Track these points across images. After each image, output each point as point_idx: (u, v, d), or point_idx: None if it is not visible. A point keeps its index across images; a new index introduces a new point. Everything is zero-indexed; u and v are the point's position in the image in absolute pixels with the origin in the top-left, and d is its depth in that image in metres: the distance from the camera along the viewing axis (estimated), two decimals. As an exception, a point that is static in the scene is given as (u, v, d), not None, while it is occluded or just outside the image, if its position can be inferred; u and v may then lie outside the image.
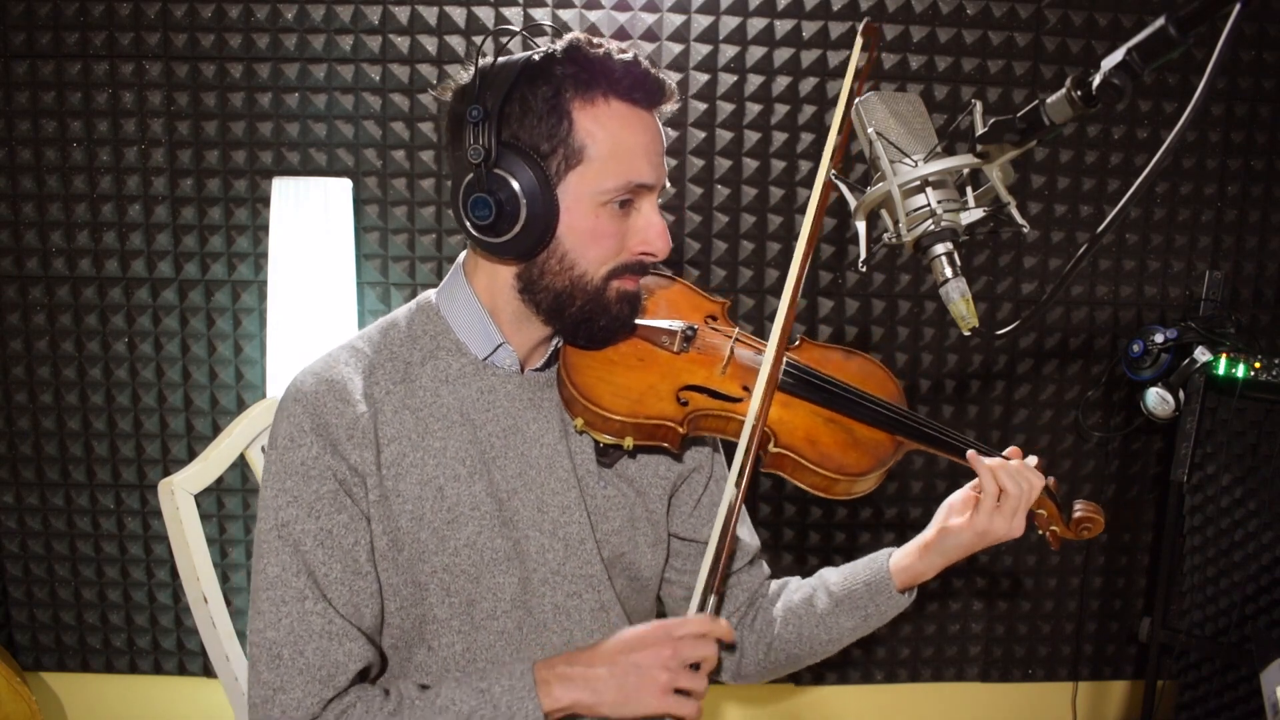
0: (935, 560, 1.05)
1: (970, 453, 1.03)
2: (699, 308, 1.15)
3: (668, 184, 1.00)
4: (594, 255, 0.95)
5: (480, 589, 0.98)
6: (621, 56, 0.93)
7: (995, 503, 1.00)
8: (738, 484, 0.96)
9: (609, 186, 0.93)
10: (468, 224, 0.94)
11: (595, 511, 1.04)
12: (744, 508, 1.21)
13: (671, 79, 0.97)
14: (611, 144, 0.92)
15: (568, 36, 0.94)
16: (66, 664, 2.19)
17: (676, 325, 1.06)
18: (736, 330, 1.12)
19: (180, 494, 1.20)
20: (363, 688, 0.94)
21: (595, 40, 0.94)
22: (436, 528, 0.96)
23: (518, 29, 1.14)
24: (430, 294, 1.05)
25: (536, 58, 0.92)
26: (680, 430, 0.99)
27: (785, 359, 1.07)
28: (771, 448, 1.00)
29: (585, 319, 0.98)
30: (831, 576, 1.13)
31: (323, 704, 0.91)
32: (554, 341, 1.04)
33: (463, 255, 1.05)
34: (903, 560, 1.08)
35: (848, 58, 0.95)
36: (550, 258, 0.95)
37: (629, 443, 0.98)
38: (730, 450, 1.02)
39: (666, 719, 0.90)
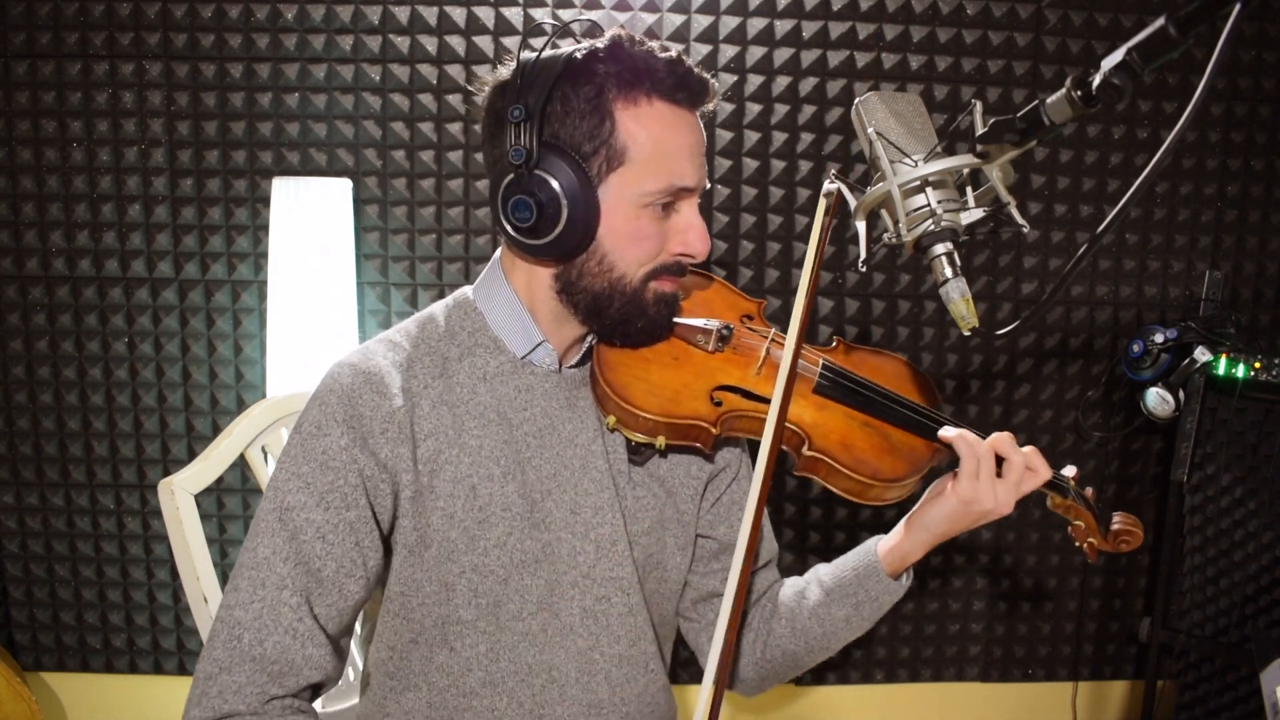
0: (920, 536, 1.02)
1: (942, 429, 1.01)
2: (735, 306, 1.13)
3: (707, 183, 0.99)
4: (633, 257, 0.94)
5: (508, 590, 0.96)
6: (665, 55, 0.92)
7: (975, 469, 0.97)
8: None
9: (651, 189, 0.91)
10: (507, 226, 0.93)
11: (628, 512, 1.02)
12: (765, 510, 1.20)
13: (712, 78, 0.96)
14: (654, 145, 0.91)
15: (610, 33, 0.93)
16: (66, 664, 2.19)
17: (712, 325, 1.05)
18: (773, 330, 1.10)
19: (180, 494, 1.20)
20: (314, 714, 0.92)
21: (638, 38, 0.93)
22: (467, 527, 0.94)
23: (560, 24, 1.12)
24: (468, 290, 1.04)
25: (579, 55, 0.90)
26: (714, 431, 0.98)
27: (821, 361, 1.06)
28: (805, 451, 0.99)
29: (623, 320, 0.97)
30: (823, 569, 1.12)
31: (265, 699, 0.88)
32: (589, 339, 1.03)
33: (499, 252, 1.04)
34: (889, 541, 1.05)
35: (819, 200, 0.98)
36: (590, 259, 0.94)
37: (661, 442, 0.97)
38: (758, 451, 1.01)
39: None
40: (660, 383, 1.00)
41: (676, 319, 1.03)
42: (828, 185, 0.98)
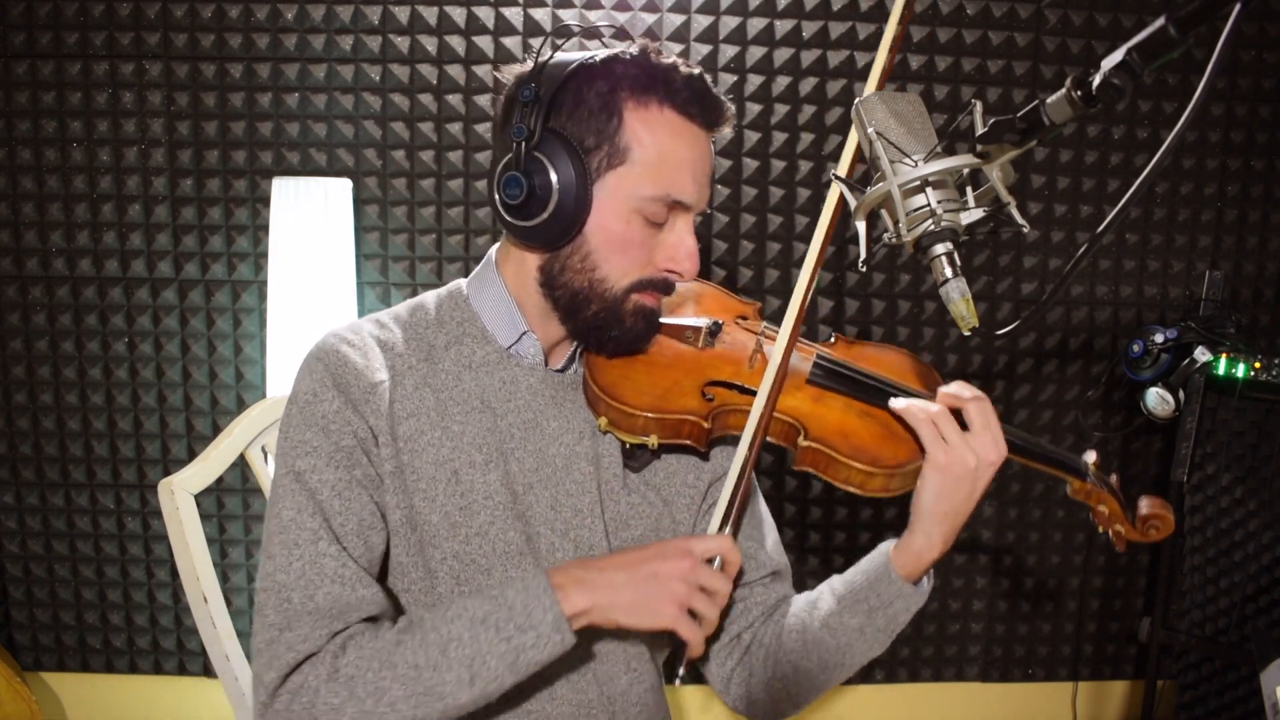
0: (924, 524, 0.94)
1: (891, 400, 0.98)
2: (728, 309, 1.12)
3: (709, 209, 0.98)
4: (618, 262, 0.94)
5: (492, 581, 0.96)
6: (686, 70, 0.93)
7: (934, 434, 0.92)
8: (750, 446, 0.93)
9: (646, 194, 0.92)
10: (497, 202, 0.94)
11: (615, 519, 1.01)
12: (773, 525, 1.15)
13: (730, 105, 0.96)
14: (658, 151, 0.92)
15: (638, 42, 0.94)
16: (66, 664, 2.19)
17: (702, 321, 1.04)
18: (764, 325, 1.09)
19: (180, 494, 1.20)
20: (366, 623, 0.92)
21: (663, 51, 0.95)
22: (448, 512, 0.94)
23: (585, 27, 1.12)
24: (462, 282, 1.05)
25: (599, 56, 0.93)
26: (705, 425, 0.96)
27: (815, 354, 1.04)
28: (802, 441, 0.96)
29: (598, 326, 0.96)
30: (837, 578, 1.06)
31: (329, 636, 0.88)
32: (575, 343, 1.03)
33: (495, 246, 1.05)
34: (900, 540, 0.99)
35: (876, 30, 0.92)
36: (574, 254, 0.94)
37: (653, 441, 0.96)
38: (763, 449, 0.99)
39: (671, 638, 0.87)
40: (650, 381, 0.99)
41: (665, 319, 1.02)
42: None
